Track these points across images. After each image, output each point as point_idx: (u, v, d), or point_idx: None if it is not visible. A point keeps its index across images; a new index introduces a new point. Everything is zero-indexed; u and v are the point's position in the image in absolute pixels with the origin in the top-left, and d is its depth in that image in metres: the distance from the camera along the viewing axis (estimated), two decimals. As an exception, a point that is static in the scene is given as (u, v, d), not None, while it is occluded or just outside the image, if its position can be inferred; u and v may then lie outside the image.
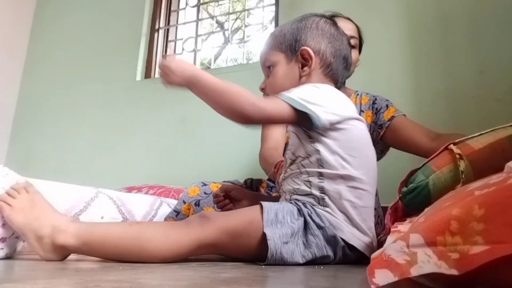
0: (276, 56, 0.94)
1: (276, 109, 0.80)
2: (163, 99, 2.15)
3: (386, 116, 1.27)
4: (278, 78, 0.94)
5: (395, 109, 1.27)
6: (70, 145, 2.33)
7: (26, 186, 0.79)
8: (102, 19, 2.50)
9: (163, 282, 0.47)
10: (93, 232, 0.74)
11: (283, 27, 0.98)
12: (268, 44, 0.97)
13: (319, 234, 0.77)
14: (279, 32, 0.97)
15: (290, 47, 0.93)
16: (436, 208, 0.38)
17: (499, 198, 0.31)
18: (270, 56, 0.95)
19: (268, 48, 0.97)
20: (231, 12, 2.70)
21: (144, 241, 0.72)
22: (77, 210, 0.98)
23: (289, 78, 0.93)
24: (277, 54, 0.94)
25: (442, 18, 1.62)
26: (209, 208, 1.08)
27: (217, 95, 0.81)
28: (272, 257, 0.72)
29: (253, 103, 0.77)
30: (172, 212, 1.10)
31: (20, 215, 0.74)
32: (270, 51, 0.96)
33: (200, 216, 0.78)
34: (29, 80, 2.64)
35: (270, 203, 0.80)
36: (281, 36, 0.95)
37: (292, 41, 0.94)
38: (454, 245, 0.29)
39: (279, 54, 0.94)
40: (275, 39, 0.96)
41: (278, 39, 0.95)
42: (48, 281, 0.47)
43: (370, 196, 0.86)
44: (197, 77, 0.82)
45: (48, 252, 0.72)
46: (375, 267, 0.32)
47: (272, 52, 0.95)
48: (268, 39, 0.98)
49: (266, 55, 0.97)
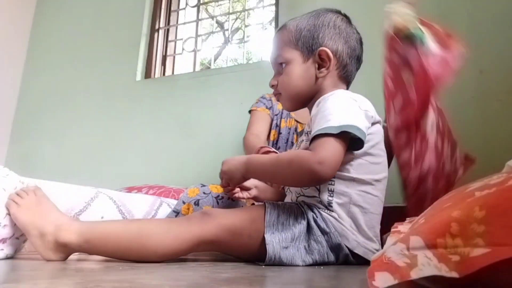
0: (291, 53, 0.90)
1: (337, 151, 0.75)
2: (163, 99, 2.14)
3: None
4: (293, 78, 0.89)
5: None
6: (70, 145, 2.32)
7: (35, 189, 0.81)
8: (102, 19, 2.50)
9: (163, 282, 0.47)
10: (94, 229, 0.75)
11: (298, 22, 0.92)
12: (282, 39, 0.91)
13: (323, 240, 0.76)
14: (295, 27, 0.91)
15: (307, 45, 0.89)
16: (436, 209, 0.38)
17: (499, 200, 0.31)
18: (284, 53, 0.90)
19: (282, 43, 0.91)
20: (231, 12, 2.70)
21: (144, 236, 0.72)
22: (77, 210, 0.98)
23: (304, 79, 0.89)
24: (291, 51, 0.90)
25: (442, 18, 1.61)
26: (208, 207, 1.08)
27: (276, 172, 0.80)
28: (270, 261, 0.72)
29: (318, 162, 0.72)
30: (172, 212, 1.10)
31: (25, 213, 0.76)
32: (284, 47, 0.90)
33: (201, 213, 0.78)
34: (29, 80, 2.64)
35: (274, 203, 0.80)
36: (297, 32, 0.90)
37: (309, 38, 0.89)
38: (454, 247, 0.29)
39: (294, 51, 0.90)
40: (290, 34, 0.90)
41: (293, 34, 0.90)
42: (48, 281, 0.47)
43: (380, 203, 0.85)
44: (247, 167, 0.83)
45: (49, 251, 0.73)
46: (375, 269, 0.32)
47: (287, 48, 0.90)
48: (282, 33, 0.92)
49: (279, 50, 0.91)
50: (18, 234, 0.82)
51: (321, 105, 0.81)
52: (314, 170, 0.72)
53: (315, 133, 0.75)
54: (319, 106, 0.82)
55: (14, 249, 0.83)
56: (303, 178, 0.76)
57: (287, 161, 0.76)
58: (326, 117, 0.76)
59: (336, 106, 0.79)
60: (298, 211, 0.79)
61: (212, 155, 1.91)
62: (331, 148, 0.74)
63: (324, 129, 0.74)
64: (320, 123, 0.76)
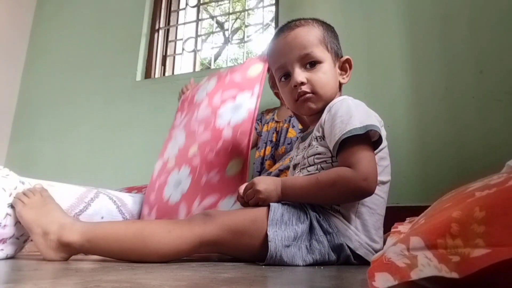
0: (325, 53, 0.89)
1: (373, 160, 0.77)
2: (163, 99, 2.14)
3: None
4: (331, 79, 0.89)
5: None
6: (70, 145, 2.32)
7: (41, 190, 0.83)
8: (102, 19, 2.50)
9: (163, 282, 0.47)
10: (96, 229, 0.76)
11: (323, 27, 0.91)
12: (314, 35, 0.89)
13: (324, 240, 0.76)
14: (321, 29, 0.91)
15: (335, 50, 0.91)
16: (437, 209, 0.38)
17: (499, 200, 0.30)
18: (319, 51, 0.88)
19: (315, 40, 0.88)
20: (231, 12, 2.70)
21: (146, 236, 0.73)
22: (77, 210, 0.98)
23: (333, 82, 0.90)
24: (325, 52, 0.89)
25: (442, 18, 1.62)
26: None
27: (319, 194, 0.78)
28: (271, 258, 0.72)
29: (363, 179, 0.74)
30: None
31: (30, 212, 0.78)
32: (318, 45, 0.88)
33: (203, 214, 0.79)
34: (29, 80, 2.64)
35: (278, 203, 0.80)
36: (329, 36, 0.91)
37: (337, 45, 0.92)
38: (455, 248, 0.29)
39: (326, 53, 0.89)
40: (324, 34, 0.90)
41: (327, 37, 0.90)
42: (48, 281, 0.47)
43: (384, 204, 0.86)
44: (284, 190, 0.81)
45: (51, 250, 0.74)
46: (375, 270, 0.32)
47: (321, 47, 0.89)
48: (311, 29, 0.90)
49: (312, 48, 0.87)
50: (18, 234, 0.83)
51: (335, 110, 0.83)
52: (361, 188, 0.74)
53: (343, 137, 0.76)
54: (332, 111, 0.83)
55: (14, 249, 0.83)
56: (350, 197, 0.78)
57: (331, 182, 0.76)
58: (347, 120, 0.78)
59: (353, 109, 0.80)
60: (301, 211, 0.79)
61: (212, 155, 1.91)
62: (368, 159, 0.76)
63: (350, 131, 0.76)
64: (342, 126, 0.77)
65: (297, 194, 0.80)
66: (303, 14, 0.96)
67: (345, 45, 0.95)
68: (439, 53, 1.58)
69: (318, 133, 0.86)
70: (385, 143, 0.86)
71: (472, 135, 1.46)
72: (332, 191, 0.76)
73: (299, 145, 0.97)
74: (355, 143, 0.76)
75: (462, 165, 1.44)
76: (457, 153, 1.46)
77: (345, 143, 0.77)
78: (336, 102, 0.85)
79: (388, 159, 0.88)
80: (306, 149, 0.89)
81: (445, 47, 1.57)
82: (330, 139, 0.81)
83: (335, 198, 0.79)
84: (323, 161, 0.84)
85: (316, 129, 0.87)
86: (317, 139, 0.86)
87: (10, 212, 0.81)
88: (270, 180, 0.83)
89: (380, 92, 1.64)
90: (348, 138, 0.76)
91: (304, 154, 0.89)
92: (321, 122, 0.86)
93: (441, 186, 0.78)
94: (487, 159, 1.38)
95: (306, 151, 0.89)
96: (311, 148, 0.87)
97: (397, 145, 1.33)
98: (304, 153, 0.89)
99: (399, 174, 0.96)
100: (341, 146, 0.77)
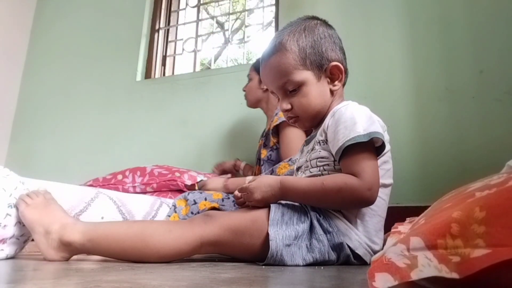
0: (302, 74, 0.86)
1: (376, 169, 0.78)
2: (163, 99, 2.15)
3: None
4: (312, 99, 0.87)
5: None
6: (70, 145, 2.32)
7: (45, 193, 0.85)
8: (102, 20, 2.50)
9: (163, 282, 0.47)
10: (97, 228, 0.76)
11: (297, 40, 0.87)
12: (286, 62, 0.86)
13: (324, 239, 0.77)
14: (296, 46, 0.86)
15: (316, 64, 0.86)
16: (437, 209, 0.38)
17: (500, 200, 0.30)
18: (295, 77, 0.86)
19: (288, 67, 0.86)
20: (231, 13, 2.70)
21: (147, 236, 0.73)
22: (77, 210, 0.98)
23: (322, 97, 0.88)
24: (302, 73, 0.86)
25: (442, 18, 1.62)
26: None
27: (322, 199, 0.79)
28: (272, 257, 0.73)
29: (368, 189, 0.74)
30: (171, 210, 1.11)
31: (33, 212, 0.79)
32: (293, 71, 0.86)
33: (203, 215, 0.79)
34: (29, 80, 2.64)
35: (278, 203, 0.80)
36: (302, 52, 0.86)
37: (315, 56, 0.86)
38: (455, 248, 0.29)
39: (305, 72, 0.86)
40: (293, 56, 0.86)
41: (298, 55, 0.86)
42: (48, 281, 0.47)
43: (386, 207, 0.86)
44: (283, 191, 0.81)
45: (52, 250, 0.74)
46: (376, 270, 0.32)
47: (296, 71, 0.86)
48: (282, 56, 0.86)
49: (287, 76, 0.86)
50: (18, 234, 0.83)
51: (338, 115, 0.82)
52: (364, 198, 0.75)
53: (346, 144, 0.76)
54: (336, 116, 0.83)
55: (14, 249, 0.83)
56: (352, 205, 0.79)
57: (336, 189, 0.76)
58: (350, 127, 0.78)
59: (357, 115, 0.80)
60: (302, 210, 0.80)
61: (212, 155, 1.91)
62: (372, 168, 0.77)
63: (353, 138, 0.76)
64: (346, 133, 0.77)
65: (299, 196, 0.81)
66: (303, 14, 0.96)
67: (345, 45, 0.95)
68: (439, 53, 1.58)
69: (321, 137, 0.86)
70: (388, 147, 0.86)
71: (472, 135, 1.46)
72: (337, 198, 0.76)
73: (303, 148, 0.97)
74: (359, 151, 0.77)
75: (462, 165, 1.44)
76: (457, 153, 1.46)
77: (349, 149, 0.77)
78: (340, 107, 0.85)
79: (390, 163, 0.88)
80: (309, 153, 0.90)
81: (445, 47, 1.57)
82: (333, 144, 0.80)
83: (338, 204, 0.80)
84: (326, 164, 0.84)
85: (319, 133, 0.87)
86: (319, 143, 0.86)
87: (10, 212, 0.81)
88: (267, 184, 0.82)
89: (380, 92, 1.64)
90: (351, 145, 0.76)
91: (307, 157, 0.90)
92: (324, 127, 0.86)
93: (441, 186, 0.78)
94: (487, 159, 1.38)
95: (309, 154, 0.89)
96: (314, 152, 0.87)
97: (397, 145, 1.33)
98: (307, 157, 0.90)
99: (399, 174, 0.96)
100: (344, 152, 0.77)
